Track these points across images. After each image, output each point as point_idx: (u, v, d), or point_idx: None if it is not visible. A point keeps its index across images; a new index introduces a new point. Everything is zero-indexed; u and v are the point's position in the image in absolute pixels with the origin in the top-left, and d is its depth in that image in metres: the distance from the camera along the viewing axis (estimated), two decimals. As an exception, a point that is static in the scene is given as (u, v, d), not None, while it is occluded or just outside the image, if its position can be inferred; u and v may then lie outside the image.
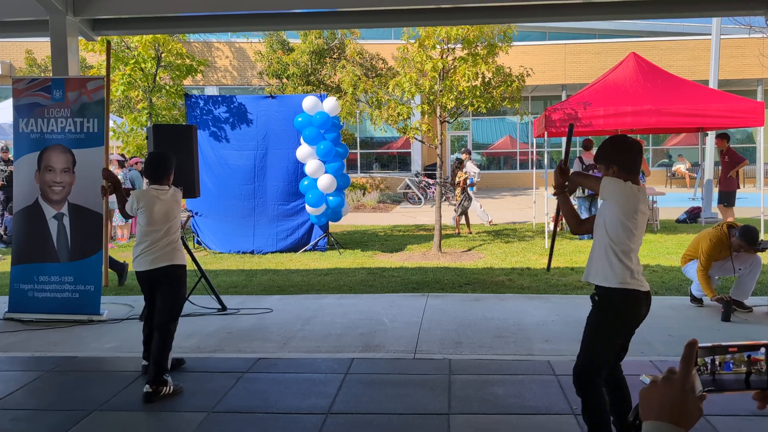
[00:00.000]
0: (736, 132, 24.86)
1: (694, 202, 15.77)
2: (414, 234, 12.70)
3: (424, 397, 4.18)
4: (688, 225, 12.78)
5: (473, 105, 9.76)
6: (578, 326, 5.31)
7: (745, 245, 5.94)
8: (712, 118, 10.89)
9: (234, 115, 10.72)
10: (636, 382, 4.21)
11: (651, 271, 8.27)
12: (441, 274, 8.35)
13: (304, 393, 4.30)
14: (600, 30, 27.51)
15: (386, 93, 9.98)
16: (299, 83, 18.66)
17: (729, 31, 21.61)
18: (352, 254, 10.23)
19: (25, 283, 6.41)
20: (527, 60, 14.86)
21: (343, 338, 5.54)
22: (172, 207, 4.51)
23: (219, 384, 4.48)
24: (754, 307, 6.19)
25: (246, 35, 21.77)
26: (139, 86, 12.54)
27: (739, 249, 6.00)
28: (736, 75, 23.25)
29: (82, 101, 6.45)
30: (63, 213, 6.42)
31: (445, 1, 6.72)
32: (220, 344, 5.47)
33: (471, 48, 9.75)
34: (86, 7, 6.90)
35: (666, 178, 24.27)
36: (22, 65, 21.84)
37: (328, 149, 10.13)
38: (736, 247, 6.00)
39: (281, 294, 7.41)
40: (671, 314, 6.09)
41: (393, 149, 25.31)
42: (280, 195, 10.61)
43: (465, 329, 5.72)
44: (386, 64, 20.37)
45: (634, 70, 11.45)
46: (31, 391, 4.45)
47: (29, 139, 6.49)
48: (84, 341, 5.66)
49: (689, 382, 1.02)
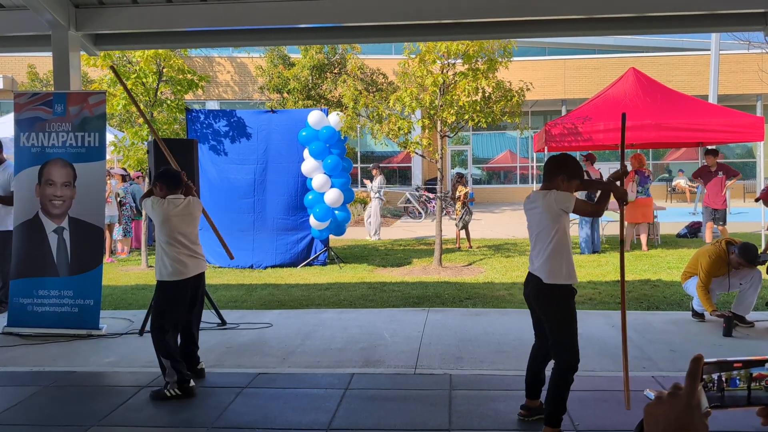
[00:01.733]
0: (735, 147, 24.93)
1: (694, 216, 15.76)
2: (414, 248, 12.69)
3: (424, 413, 4.15)
4: (688, 240, 12.76)
5: (473, 119, 9.80)
6: (580, 340, 5.27)
7: (744, 263, 5.94)
8: (712, 133, 10.91)
9: (234, 130, 10.75)
10: (640, 397, 4.19)
11: (652, 285, 8.25)
12: (441, 288, 8.33)
13: (304, 408, 4.27)
14: (600, 45, 27.67)
15: (387, 107, 10.02)
16: (300, 98, 18.74)
17: (728, 46, 21.76)
18: (353, 268, 10.21)
19: (25, 297, 6.39)
20: (527, 75, 14.95)
21: (343, 353, 5.51)
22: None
23: (219, 399, 4.46)
24: (756, 321, 6.17)
25: (247, 50, 21.90)
26: (141, 101, 12.59)
27: (738, 266, 6.00)
28: (735, 90, 23.34)
29: (84, 115, 6.47)
30: (63, 227, 6.42)
31: (446, 16, 6.76)
32: (220, 359, 5.44)
33: (471, 63, 9.80)
34: (88, 22, 6.94)
35: (666, 192, 24.29)
36: (24, 79, 21.95)
37: (335, 163, 10.16)
38: (735, 264, 6.00)
39: (281, 309, 7.38)
40: (673, 329, 6.07)
41: (393, 163, 25.36)
42: (280, 209, 10.61)
43: (466, 344, 5.69)
44: (386, 78, 20.47)
45: (634, 85, 11.50)
46: (29, 406, 4.42)
47: (30, 153, 6.50)
48: (83, 356, 5.63)
49: (695, 398, 1.00)
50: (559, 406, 3.62)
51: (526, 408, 4.01)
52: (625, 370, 3.99)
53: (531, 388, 4.00)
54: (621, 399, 4.28)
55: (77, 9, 6.88)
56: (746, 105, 23.51)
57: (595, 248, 11.25)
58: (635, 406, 3.35)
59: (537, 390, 3.99)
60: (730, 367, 1.02)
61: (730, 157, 25.62)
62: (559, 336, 3.65)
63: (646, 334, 5.90)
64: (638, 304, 7.25)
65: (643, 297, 7.58)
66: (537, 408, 3.97)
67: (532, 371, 3.99)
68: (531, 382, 3.99)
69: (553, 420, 3.62)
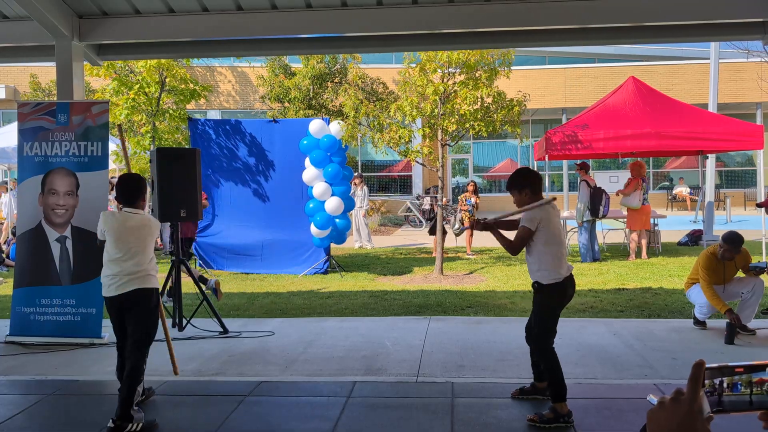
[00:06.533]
0: (736, 155, 24.96)
1: (695, 224, 15.77)
2: (416, 257, 12.69)
3: (426, 421, 4.16)
4: (689, 248, 12.77)
5: (474, 128, 9.83)
6: (581, 349, 5.26)
7: (729, 247, 5.96)
8: (712, 142, 10.95)
9: (236, 139, 10.79)
10: (643, 402, 4.19)
11: (653, 293, 8.25)
12: (443, 297, 8.33)
13: (306, 417, 4.27)
14: (600, 54, 27.74)
15: (387, 116, 10.05)
16: (301, 107, 18.80)
17: (727, 55, 21.82)
18: (354, 277, 10.22)
19: (27, 306, 6.40)
20: (527, 84, 15.01)
21: (345, 361, 5.51)
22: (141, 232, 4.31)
23: (220, 407, 4.46)
24: (758, 329, 6.17)
25: (248, 60, 21.99)
26: (143, 110, 12.65)
27: (726, 255, 6.00)
28: (734, 98, 23.39)
29: (87, 125, 6.50)
30: (66, 236, 6.44)
31: (446, 26, 6.80)
32: (222, 367, 5.45)
33: (472, 72, 9.84)
34: (92, 32, 6.98)
35: (667, 200, 24.30)
36: (26, 89, 22.03)
37: (336, 172, 10.19)
38: (725, 255, 6.01)
39: (283, 317, 7.39)
40: (675, 337, 6.07)
41: (394, 172, 25.39)
42: (281, 218, 10.63)
43: (467, 352, 5.69)
44: (387, 88, 20.54)
45: (634, 93, 11.55)
46: (31, 415, 4.42)
47: (33, 163, 6.53)
48: (85, 365, 5.63)
49: (697, 403, 1.02)
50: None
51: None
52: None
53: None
54: (623, 407, 4.29)
55: (81, 19, 6.93)
56: (746, 113, 23.56)
57: (595, 256, 11.25)
58: (638, 413, 3.35)
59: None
60: (731, 372, 1.04)
61: (730, 165, 25.65)
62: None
63: (648, 341, 5.90)
64: (640, 312, 7.25)
65: (644, 305, 7.58)
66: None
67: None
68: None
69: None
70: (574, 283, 4.25)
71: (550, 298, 4.17)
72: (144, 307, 4.24)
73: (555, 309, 4.21)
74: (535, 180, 4.23)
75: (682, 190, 23.88)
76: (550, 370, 4.14)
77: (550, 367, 4.13)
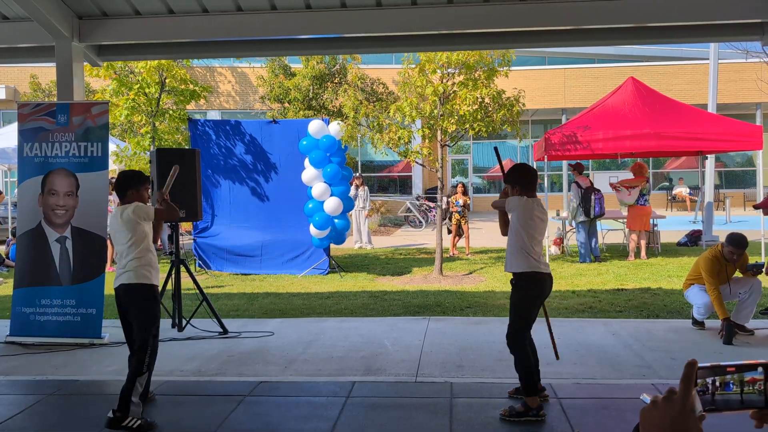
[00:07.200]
0: (735, 156, 24.97)
1: (694, 225, 15.78)
2: (415, 257, 12.71)
3: (425, 421, 4.17)
4: (689, 248, 12.78)
5: (474, 129, 9.84)
6: (580, 349, 5.27)
7: (734, 249, 5.96)
8: (711, 142, 10.95)
9: (236, 139, 10.81)
10: (636, 402, 4.20)
11: (652, 294, 8.27)
12: (442, 297, 8.35)
13: (306, 417, 4.28)
14: (599, 55, 27.75)
15: (387, 117, 10.07)
16: (301, 107, 18.82)
17: (726, 55, 21.82)
18: (354, 277, 10.23)
19: (27, 306, 6.42)
20: (527, 84, 15.02)
21: (345, 362, 5.53)
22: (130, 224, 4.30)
23: (220, 407, 4.47)
24: (756, 329, 6.18)
25: (248, 60, 22.00)
26: (143, 111, 12.66)
27: (731, 257, 6.00)
28: (734, 99, 23.40)
29: (87, 125, 6.52)
30: (66, 236, 6.45)
31: (446, 27, 6.82)
32: (222, 367, 5.46)
33: (471, 73, 9.86)
34: (92, 33, 7.00)
35: (667, 201, 24.32)
36: (26, 90, 22.04)
37: (335, 172, 10.20)
38: (728, 256, 6.01)
39: (282, 317, 7.40)
40: (673, 337, 6.08)
41: (394, 173, 25.41)
42: (281, 218, 10.64)
43: (467, 352, 5.71)
44: (386, 88, 20.55)
45: (633, 94, 11.55)
46: (32, 415, 4.43)
47: (33, 163, 6.54)
48: (85, 364, 5.65)
49: (690, 402, 1.03)
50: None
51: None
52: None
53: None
54: (621, 406, 4.30)
55: (81, 20, 6.94)
56: (745, 114, 23.58)
57: (595, 254, 11.28)
58: (632, 412, 3.36)
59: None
60: (723, 371, 1.05)
61: (730, 166, 25.66)
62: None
63: (647, 342, 5.91)
64: (639, 312, 7.26)
65: (643, 305, 7.60)
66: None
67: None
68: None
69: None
70: (552, 280, 4.37)
71: (528, 290, 4.28)
72: (135, 301, 4.27)
73: (533, 301, 4.30)
74: (526, 179, 4.32)
75: (682, 190, 23.89)
76: (520, 363, 4.25)
77: (521, 360, 4.25)
